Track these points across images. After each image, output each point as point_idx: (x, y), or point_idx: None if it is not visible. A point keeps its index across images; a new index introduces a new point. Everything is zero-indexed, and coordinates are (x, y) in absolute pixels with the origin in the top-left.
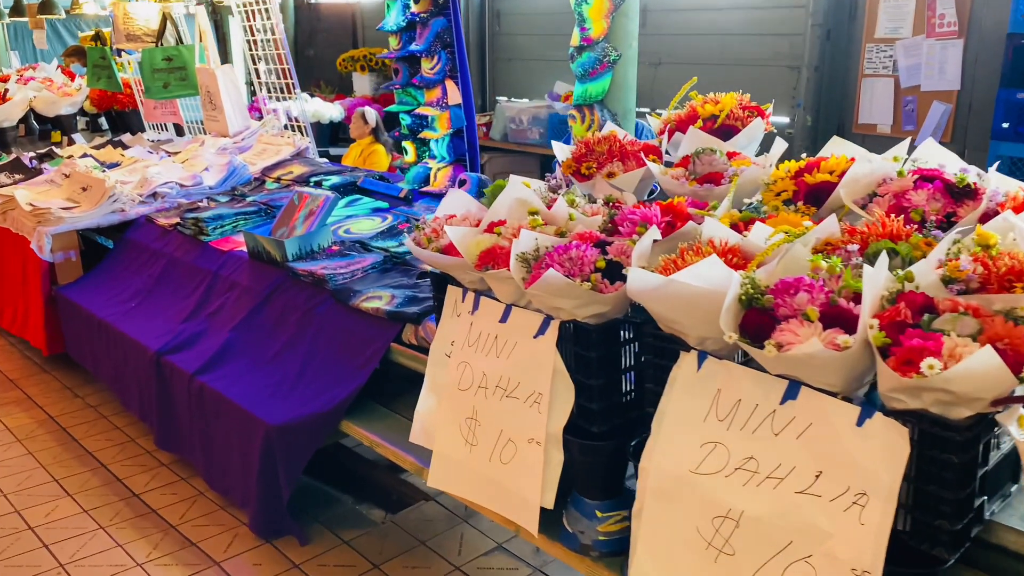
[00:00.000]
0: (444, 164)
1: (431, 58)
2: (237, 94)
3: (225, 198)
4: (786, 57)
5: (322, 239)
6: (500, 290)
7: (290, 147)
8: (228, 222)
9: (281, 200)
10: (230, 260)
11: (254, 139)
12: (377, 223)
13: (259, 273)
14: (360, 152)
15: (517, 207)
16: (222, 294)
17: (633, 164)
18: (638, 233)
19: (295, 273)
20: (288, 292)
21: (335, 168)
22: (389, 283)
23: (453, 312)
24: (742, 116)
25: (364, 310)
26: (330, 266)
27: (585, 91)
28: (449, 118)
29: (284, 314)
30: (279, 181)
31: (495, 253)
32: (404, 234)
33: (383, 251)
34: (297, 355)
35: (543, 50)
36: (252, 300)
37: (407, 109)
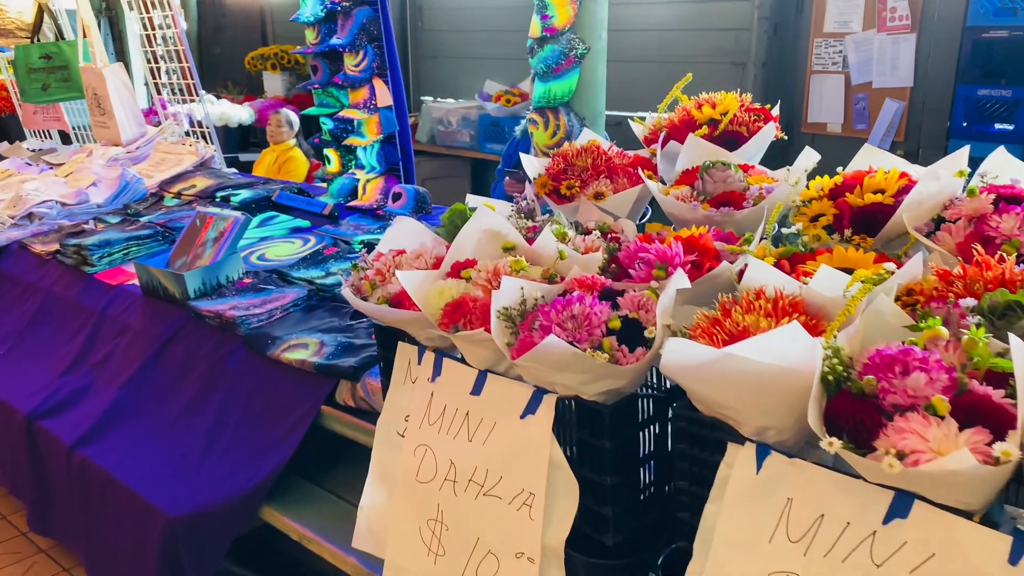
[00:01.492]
0: (374, 175)
1: (356, 53)
2: (129, 96)
3: (115, 219)
4: (729, 53)
5: (230, 270)
6: (472, 353)
7: (192, 156)
8: (118, 249)
9: (182, 220)
10: (120, 297)
11: (151, 148)
12: (297, 246)
13: (155, 314)
14: (275, 159)
15: (487, 241)
16: (110, 339)
17: (625, 182)
18: (655, 277)
19: (198, 314)
20: (191, 338)
21: (246, 180)
22: (316, 325)
23: (406, 377)
24: (748, 120)
25: (286, 362)
26: (241, 305)
27: (548, 91)
28: (379, 122)
29: (187, 366)
30: (180, 197)
31: (465, 306)
32: (331, 261)
33: (306, 283)
34: (204, 420)
35: (471, 47)
36: (146, 348)
37: (329, 112)
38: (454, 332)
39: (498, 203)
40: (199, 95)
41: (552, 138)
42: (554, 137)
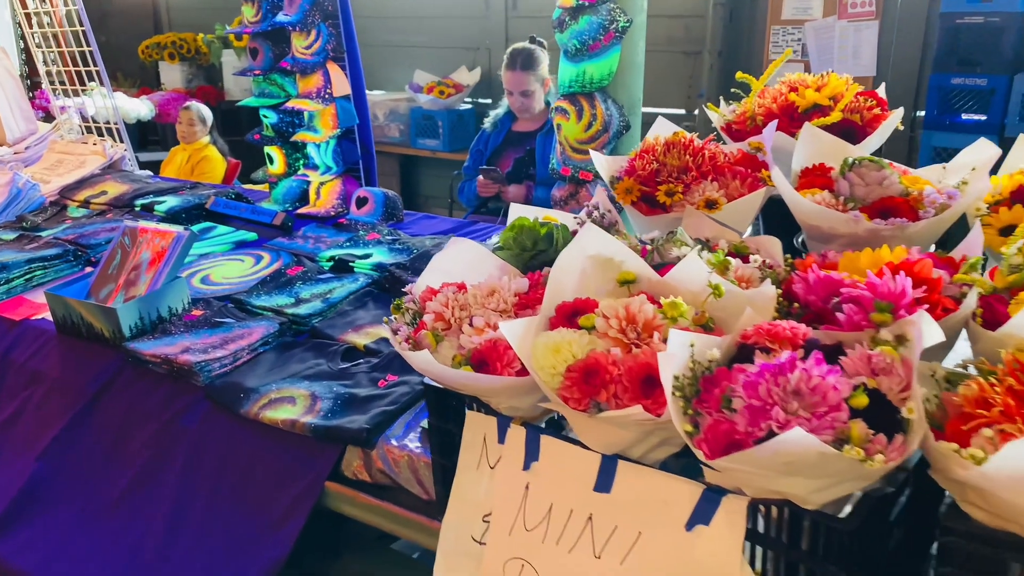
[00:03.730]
0: (331, 176)
1: (307, 33)
2: (15, 87)
3: (9, 234)
4: (681, 42)
5: (174, 299)
6: (598, 433)
7: (98, 157)
8: (17, 273)
9: (96, 235)
10: (26, 336)
11: (44, 147)
12: (248, 265)
13: (78, 358)
14: (187, 159)
15: (594, 271)
16: (17, 392)
17: (737, 184)
18: (875, 324)
19: (138, 358)
20: (129, 390)
21: (168, 184)
22: (300, 371)
23: (481, 459)
24: (863, 106)
25: (268, 423)
26: (196, 346)
27: (582, 73)
28: (335, 114)
29: (128, 428)
30: (88, 206)
31: (603, 372)
32: (299, 283)
33: (274, 313)
34: (160, 500)
35: (397, 35)
36: (69, 404)
37: (272, 103)
38: (595, 412)
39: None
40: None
41: (587, 130)
42: (589, 129)
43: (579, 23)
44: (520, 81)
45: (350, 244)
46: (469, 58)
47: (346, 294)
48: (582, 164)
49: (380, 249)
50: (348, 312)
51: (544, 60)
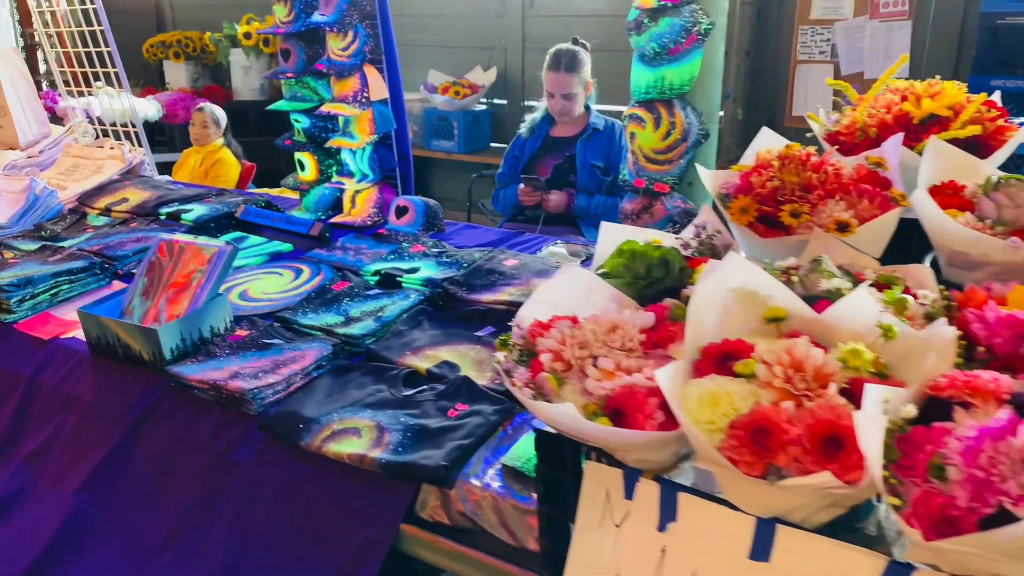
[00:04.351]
0: (367, 183)
1: (344, 34)
2: (28, 88)
3: (29, 244)
4: None
5: (216, 318)
6: (756, 496)
7: (116, 161)
8: (43, 288)
9: (123, 246)
10: (56, 356)
11: (58, 151)
12: (288, 280)
13: (114, 383)
14: (200, 162)
15: (736, 306)
16: (48, 419)
17: (866, 204)
18: None
19: (183, 384)
20: (173, 419)
21: (193, 191)
22: (361, 399)
23: (603, 516)
24: (985, 117)
25: (333, 457)
26: (245, 370)
27: (660, 79)
28: (372, 119)
29: (173, 460)
30: (109, 213)
31: (778, 432)
32: (347, 300)
33: (324, 333)
34: (211, 544)
35: (411, 34)
36: (107, 432)
37: (304, 107)
38: (775, 479)
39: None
40: (120, 86)
41: (664, 139)
42: (667, 138)
43: (659, 25)
44: (563, 83)
45: (394, 257)
46: (484, 58)
47: (399, 312)
48: (657, 175)
49: (427, 263)
50: (403, 332)
51: (588, 62)
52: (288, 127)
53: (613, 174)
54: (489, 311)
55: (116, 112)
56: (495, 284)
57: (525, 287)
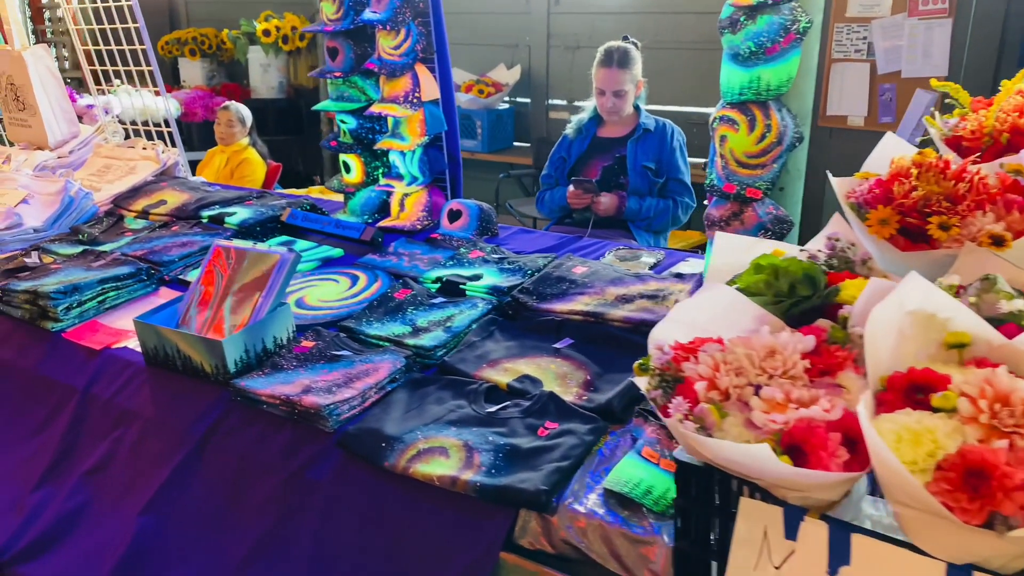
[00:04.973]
0: (416, 186)
1: (396, 32)
2: (57, 87)
3: (68, 248)
4: None
5: (279, 328)
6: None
7: (150, 162)
8: (90, 295)
9: (168, 251)
10: (110, 368)
11: (88, 151)
12: (344, 287)
13: (174, 395)
14: (225, 162)
15: (912, 329)
16: (104, 434)
17: (1018, 217)
18: None
19: (251, 398)
20: (242, 434)
21: (233, 192)
22: (443, 416)
23: (760, 557)
24: None
25: (422, 479)
26: (317, 383)
27: (755, 80)
28: (423, 120)
29: (245, 480)
30: (147, 216)
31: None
32: (411, 309)
33: (393, 344)
34: (291, 570)
35: None
36: (171, 449)
37: (351, 107)
38: (1005, 530)
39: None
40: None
41: (759, 143)
42: (762, 141)
43: (757, 23)
44: (615, 80)
45: (453, 263)
46: (508, 56)
47: (468, 322)
48: (749, 180)
49: (489, 269)
50: (476, 344)
51: (639, 59)
52: (306, 126)
53: (665, 176)
54: (565, 322)
55: (136, 111)
56: (567, 293)
57: (600, 296)
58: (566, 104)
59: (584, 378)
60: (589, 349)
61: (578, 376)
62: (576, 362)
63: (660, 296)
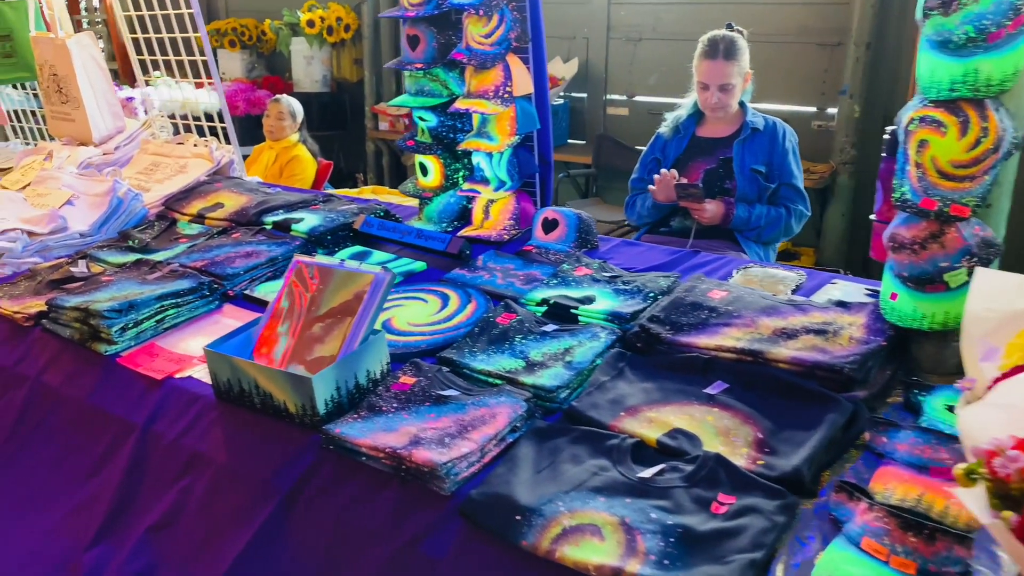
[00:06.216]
0: (504, 192)
1: (488, 18)
2: (102, 78)
3: (117, 256)
4: (816, 32)
5: (373, 361)
6: None
7: (203, 160)
8: (147, 313)
9: (231, 262)
10: (173, 402)
11: (134, 147)
12: (434, 308)
13: (252, 438)
14: (274, 159)
15: None
16: (170, 480)
17: None
18: None
19: (347, 449)
20: (338, 491)
21: (295, 196)
22: (584, 480)
23: None
24: None
25: (571, 566)
26: (426, 432)
27: (972, 71)
28: (514, 117)
29: (343, 549)
30: (202, 220)
31: None
32: (519, 338)
33: (507, 383)
34: None
35: None
36: (251, 504)
37: (433, 103)
38: None
39: None
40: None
41: (971, 149)
42: (975, 148)
43: (980, 3)
44: (722, 72)
45: (558, 282)
46: (564, 48)
47: (592, 357)
48: (955, 195)
49: (601, 290)
50: (606, 385)
51: (746, 50)
52: (350, 121)
53: (776, 181)
54: (713, 361)
55: (175, 104)
56: (708, 323)
57: (753, 329)
58: (626, 99)
59: (754, 435)
60: (749, 396)
61: (745, 432)
62: (739, 413)
63: (829, 331)
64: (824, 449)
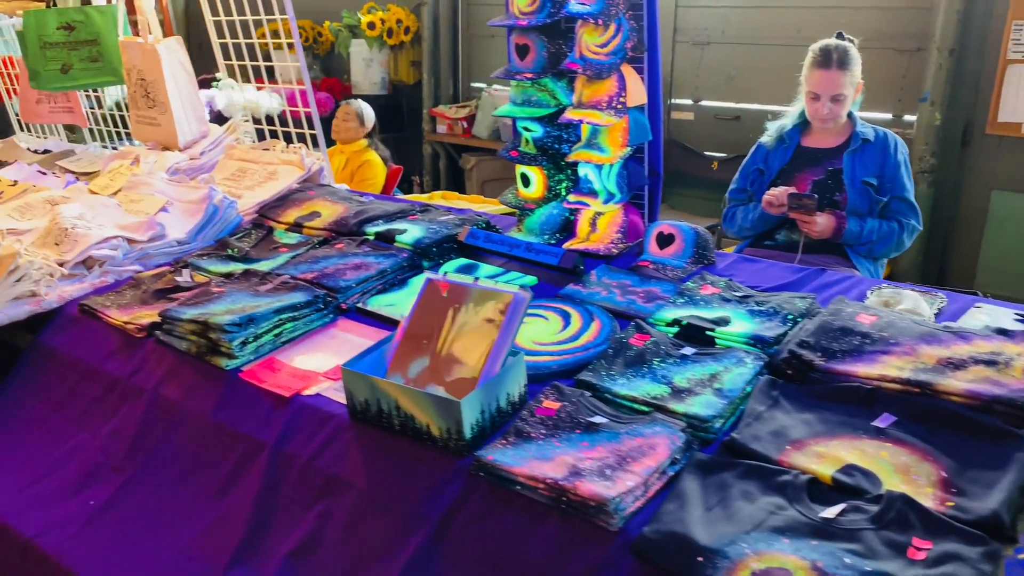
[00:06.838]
0: (613, 204)
1: (605, 27)
2: (189, 83)
3: (218, 265)
4: (894, 37)
5: (512, 384)
6: None
7: (294, 168)
8: (266, 327)
9: (342, 274)
10: (304, 421)
11: (219, 152)
12: (556, 327)
13: (392, 463)
14: (344, 163)
15: None
16: (307, 505)
17: None
18: None
19: (501, 477)
20: (492, 522)
21: (393, 205)
22: (763, 519)
23: None
24: None
25: None
26: (584, 463)
27: None
28: (626, 128)
29: None
30: (300, 229)
31: None
32: (656, 361)
33: (655, 409)
34: None
35: None
36: (399, 532)
37: (540, 114)
38: None
39: None
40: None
41: None
42: None
43: None
44: (834, 82)
45: (684, 301)
46: None
47: (742, 384)
48: None
49: (736, 311)
50: (763, 415)
51: (859, 59)
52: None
53: (888, 194)
54: (877, 391)
55: (236, 107)
56: (864, 350)
57: (914, 358)
58: (692, 104)
59: (938, 474)
60: (920, 431)
61: (926, 470)
62: (915, 449)
63: (1000, 362)
64: (1020, 491)
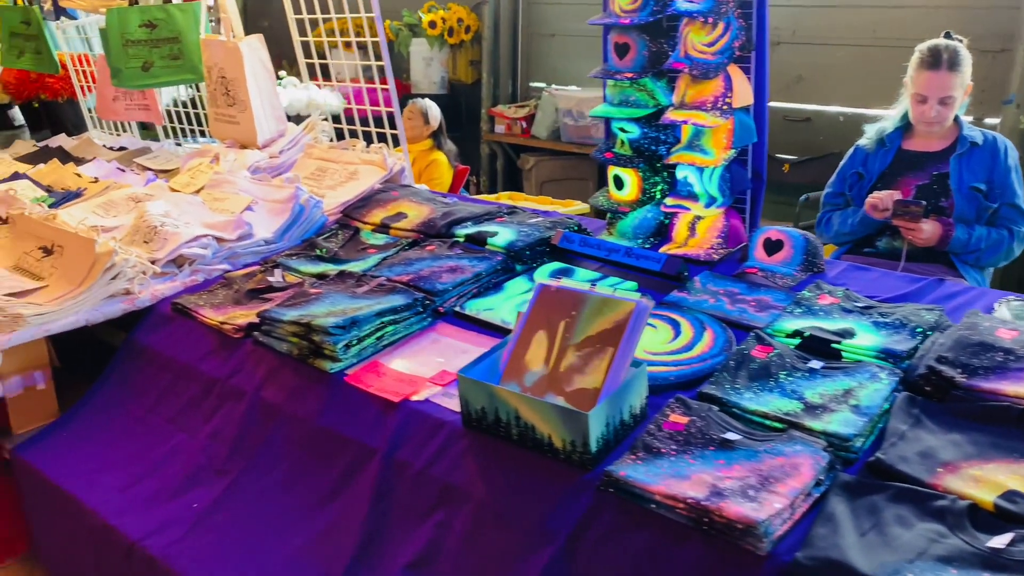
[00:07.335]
0: (715, 208)
1: (713, 26)
2: (269, 81)
3: (307, 265)
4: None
5: (635, 395)
6: None
7: (376, 168)
8: (368, 329)
9: (438, 276)
10: (415, 427)
11: (297, 151)
12: (667, 336)
13: (511, 474)
14: (412, 162)
15: None
16: (423, 515)
17: None
18: None
19: (637, 495)
20: (624, 541)
21: (480, 207)
22: (923, 547)
23: None
24: None
25: None
26: (722, 481)
27: None
28: (731, 130)
29: None
30: (386, 230)
31: None
32: (782, 375)
33: (790, 426)
34: None
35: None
36: (525, 548)
37: (638, 114)
38: None
39: None
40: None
41: None
42: None
43: None
44: (944, 84)
45: (803, 311)
46: None
47: (880, 401)
48: None
49: (860, 323)
50: (907, 435)
51: (969, 61)
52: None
53: (997, 201)
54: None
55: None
56: (1008, 367)
57: None
58: None
59: None
60: None
61: None
62: None
63: None
64: None
